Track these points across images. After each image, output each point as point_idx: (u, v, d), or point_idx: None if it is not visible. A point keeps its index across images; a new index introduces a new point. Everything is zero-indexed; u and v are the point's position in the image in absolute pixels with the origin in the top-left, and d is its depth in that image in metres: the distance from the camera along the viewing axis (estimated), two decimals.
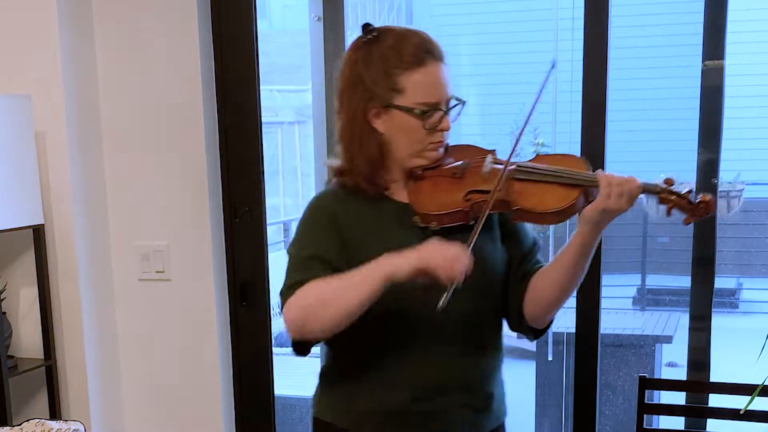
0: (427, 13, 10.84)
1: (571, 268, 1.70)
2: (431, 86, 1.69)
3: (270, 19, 7.78)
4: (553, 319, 1.83)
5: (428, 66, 1.68)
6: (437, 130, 1.71)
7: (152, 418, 3.03)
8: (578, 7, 2.58)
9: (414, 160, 1.73)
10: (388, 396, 1.73)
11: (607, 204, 1.61)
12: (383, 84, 1.68)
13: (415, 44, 1.68)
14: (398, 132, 1.71)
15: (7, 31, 2.76)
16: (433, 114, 1.69)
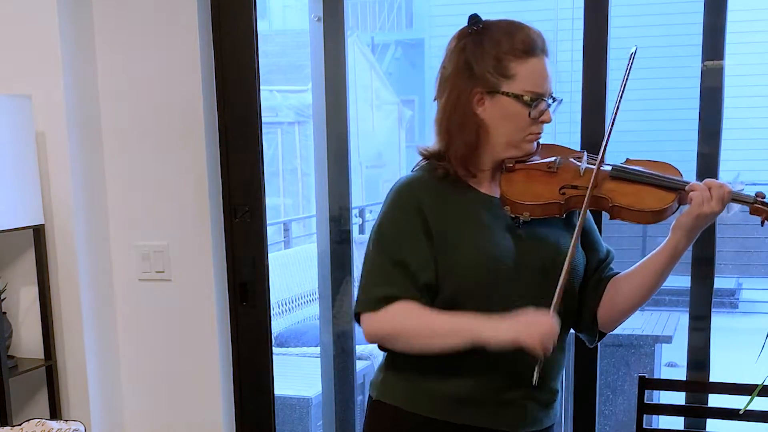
0: (427, 13, 10.84)
1: (659, 273, 1.77)
2: (540, 76, 1.73)
3: (270, 19, 7.79)
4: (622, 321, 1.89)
5: (538, 57, 1.73)
6: (540, 121, 1.75)
7: (152, 417, 3.04)
8: (578, 7, 2.58)
9: (510, 149, 1.77)
10: (460, 383, 1.76)
11: (702, 210, 1.68)
12: (493, 69, 1.72)
13: (528, 34, 1.74)
14: (501, 118, 1.74)
15: (8, 32, 2.76)
16: (540, 103, 1.73)
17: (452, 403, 1.77)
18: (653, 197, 1.72)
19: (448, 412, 1.78)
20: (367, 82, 9.13)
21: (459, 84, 1.75)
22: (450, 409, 1.77)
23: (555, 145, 1.86)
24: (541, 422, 1.84)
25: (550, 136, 1.88)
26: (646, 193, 1.73)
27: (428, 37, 10.46)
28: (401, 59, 10.85)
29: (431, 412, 1.78)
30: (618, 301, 1.81)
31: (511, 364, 1.74)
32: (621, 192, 1.73)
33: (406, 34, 10.83)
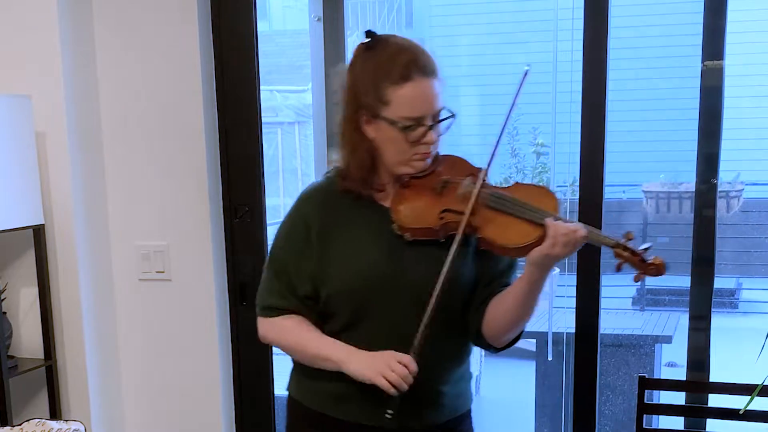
0: (427, 13, 10.84)
1: (519, 304, 1.76)
2: (415, 101, 1.73)
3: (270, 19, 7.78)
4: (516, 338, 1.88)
5: (415, 81, 1.72)
6: (420, 143, 1.76)
7: (152, 418, 3.04)
8: (578, 7, 2.58)
9: (401, 168, 1.80)
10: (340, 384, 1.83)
11: (552, 251, 1.68)
12: (372, 94, 1.74)
13: (403, 60, 1.73)
14: (384, 141, 1.77)
15: (7, 32, 2.76)
16: (416, 128, 1.74)
17: (337, 401, 1.86)
18: (520, 233, 1.71)
19: (336, 409, 1.87)
20: None
21: (349, 105, 1.79)
22: (336, 407, 1.87)
23: (456, 158, 1.86)
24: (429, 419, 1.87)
25: (551, 136, 1.88)
26: (515, 227, 1.72)
27: (428, 37, 10.46)
28: None
29: (322, 408, 1.89)
30: (495, 320, 1.82)
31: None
32: (492, 223, 1.74)
33: (406, 34, 10.82)
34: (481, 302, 1.84)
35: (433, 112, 1.75)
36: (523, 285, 1.74)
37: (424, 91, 1.73)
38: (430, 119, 1.75)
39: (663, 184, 7.50)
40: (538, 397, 5.20)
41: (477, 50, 10.06)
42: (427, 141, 1.76)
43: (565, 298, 5.45)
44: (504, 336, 1.83)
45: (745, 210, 7.48)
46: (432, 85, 1.74)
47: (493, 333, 1.83)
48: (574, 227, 1.68)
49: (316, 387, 1.89)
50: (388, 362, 1.73)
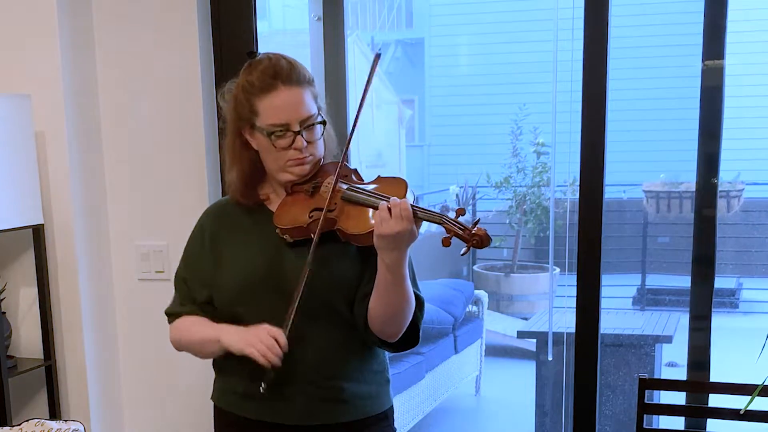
0: (427, 13, 10.85)
1: (385, 291, 1.81)
2: (279, 109, 1.84)
3: (270, 19, 7.77)
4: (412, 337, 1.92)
5: (279, 91, 1.83)
6: (291, 149, 1.85)
7: (152, 418, 3.04)
8: (578, 7, 2.58)
9: (282, 174, 1.90)
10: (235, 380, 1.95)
11: (382, 229, 1.73)
12: (247, 107, 1.87)
13: (267, 72, 1.85)
14: (262, 150, 1.90)
15: (7, 32, 2.76)
16: (283, 134, 1.84)
17: (238, 399, 1.96)
18: (364, 219, 1.79)
19: (239, 407, 1.96)
20: None
21: (232, 119, 1.92)
22: (239, 404, 1.96)
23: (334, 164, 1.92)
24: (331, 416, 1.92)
25: (551, 136, 1.88)
26: (362, 215, 1.80)
27: (428, 36, 10.47)
28: (401, 59, 10.85)
29: (229, 407, 2.00)
30: (373, 314, 1.86)
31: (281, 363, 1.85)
32: (345, 214, 1.83)
33: (406, 34, 10.83)
34: (363, 296, 1.88)
35: (299, 118, 1.84)
36: (381, 273, 1.79)
37: (287, 99, 1.84)
38: (297, 125, 1.84)
39: (663, 184, 7.51)
40: (538, 397, 5.20)
41: (477, 50, 10.06)
42: (296, 147, 1.84)
43: (565, 298, 5.46)
44: (386, 329, 1.87)
45: (746, 210, 7.49)
46: (297, 93, 1.84)
47: (376, 326, 1.87)
48: (395, 201, 1.73)
49: (225, 386, 2.00)
50: (258, 334, 1.80)
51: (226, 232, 1.96)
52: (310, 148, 1.87)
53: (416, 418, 5.32)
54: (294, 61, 1.89)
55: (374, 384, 1.98)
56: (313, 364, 1.89)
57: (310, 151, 1.88)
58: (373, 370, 1.98)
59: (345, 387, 1.92)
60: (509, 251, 8.28)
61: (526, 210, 8.17)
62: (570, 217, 6.61)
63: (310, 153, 1.88)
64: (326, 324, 1.89)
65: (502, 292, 7.71)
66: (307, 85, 1.88)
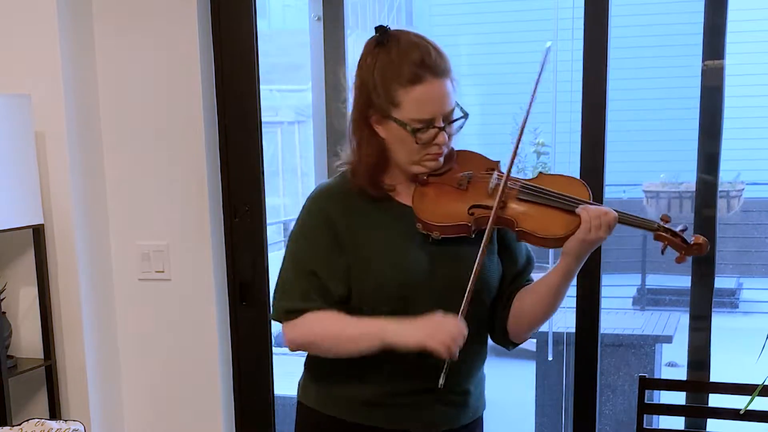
0: (426, 12, 10.84)
1: (552, 294, 1.77)
2: (426, 103, 1.69)
3: (270, 19, 7.77)
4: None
5: (425, 83, 1.68)
6: (432, 145, 1.72)
7: (152, 418, 3.03)
8: (578, 7, 2.58)
9: (414, 167, 1.76)
10: (366, 388, 1.80)
11: (588, 236, 1.67)
12: (382, 95, 1.71)
13: (414, 60, 1.69)
14: (395, 142, 1.74)
15: (7, 31, 2.76)
16: (426, 131, 1.70)
17: (360, 406, 1.82)
18: (558, 222, 1.70)
19: (357, 415, 1.82)
20: None
21: (359, 103, 1.76)
22: (358, 412, 1.82)
23: (472, 154, 1.83)
24: (456, 420, 1.86)
25: (551, 136, 1.88)
26: (552, 218, 1.71)
27: (428, 36, 10.46)
28: None
29: (340, 414, 1.83)
30: (522, 315, 1.81)
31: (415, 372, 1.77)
32: (527, 215, 1.72)
33: None
34: (507, 298, 1.83)
35: (443, 113, 1.71)
36: (557, 276, 1.74)
37: (434, 92, 1.69)
38: (441, 120, 1.71)
39: (663, 184, 7.50)
40: (538, 397, 5.19)
41: (477, 50, 10.05)
42: (438, 142, 1.72)
43: (566, 297, 5.45)
44: (529, 331, 1.85)
45: (746, 210, 7.48)
46: (443, 85, 1.70)
47: (519, 329, 1.83)
48: (605, 209, 1.68)
49: (337, 392, 1.84)
50: (442, 324, 1.66)
51: (360, 225, 1.77)
52: (449, 142, 1.76)
53: None
54: (438, 47, 1.73)
55: (484, 382, 1.95)
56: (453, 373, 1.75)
57: (449, 145, 1.76)
58: (483, 368, 1.94)
59: (471, 391, 1.88)
60: None
61: None
62: None
63: (448, 147, 1.76)
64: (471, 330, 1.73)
65: None
66: (450, 75, 1.72)
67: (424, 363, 1.72)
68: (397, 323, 1.70)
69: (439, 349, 1.65)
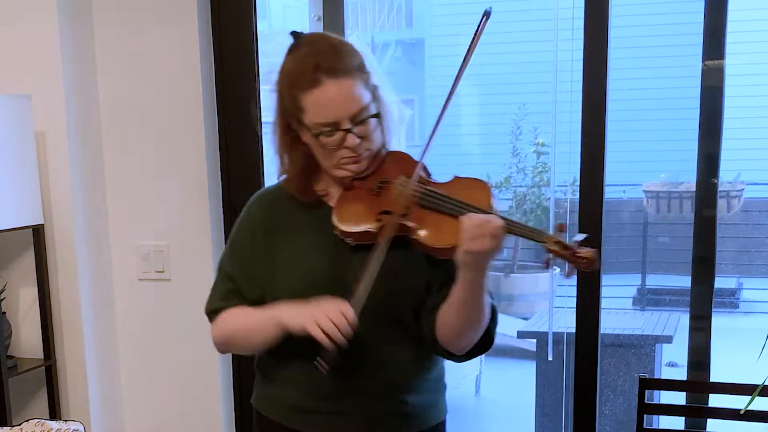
0: (427, 12, 10.84)
1: (465, 306, 1.65)
2: (325, 106, 1.63)
3: (270, 19, 7.77)
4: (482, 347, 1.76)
5: (322, 86, 1.63)
6: (342, 148, 1.66)
7: (152, 417, 3.03)
8: (578, 7, 2.58)
9: (336, 171, 1.71)
10: (291, 392, 1.79)
11: (471, 247, 1.56)
12: (290, 101, 1.68)
13: (310, 64, 1.64)
14: (312, 147, 1.70)
15: (7, 31, 2.76)
16: (332, 134, 1.65)
17: (291, 411, 1.80)
18: (450, 232, 1.60)
19: (291, 419, 1.80)
20: None
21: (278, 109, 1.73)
22: (291, 417, 1.80)
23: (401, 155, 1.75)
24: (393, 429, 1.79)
25: (551, 136, 1.87)
26: (446, 227, 1.61)
27: (428, 36, 10.46)
28: (401, 59, 10.85)
29: (279, 418, 1.82)
30: (445, 328, 1.70)
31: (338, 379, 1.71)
32: (425, 222, 1.64)
33: (406, 34, 10.82)
34: (432, 307, 1.71)
35: (348, 114, 1.64)
36: (462, 289, 1.62)
37: (332, 94, 1.62)
38: (348, 122, 1.64)
39: (663, 184, 7.51)
40: (538, 397, 5.19)
41: (477, 50, 10.04)
42: (347, 145, 1.65)
43: (565, 298, 5.45)
44: (459, 342, 1.71)
45: (746, 210, 7.49)
46: (343, 86, 1.63)
47: (447, 339, 1.71)
48: (488, 218, 1.56)
49: (273, 395, 1.84)
50: (325, 308, 1.61)
51: (281, 228, 1.76)
52: (365, 143, 1.67)
53: None
54: (340, 44, 1.68)
55: (434, 393, 1.85)
56: (376, 378, 1.74)
57: (366, 146, 1.67)
58: (434, 378, 1.84)
59: (408, 400, 1.78)
60: (509, 251, 8.28)
61: (526, 210, 8.17)
62: (570, 217, 6.60)
63: (365, 148, 1.68)
64: (392, 336, 1.73)
65: (502, 292, 7.71)
66: (357, 72, 1.65)
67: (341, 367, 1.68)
68: (293, 306, 1.67)
69: (319, 337, 1.59)
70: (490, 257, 1.58)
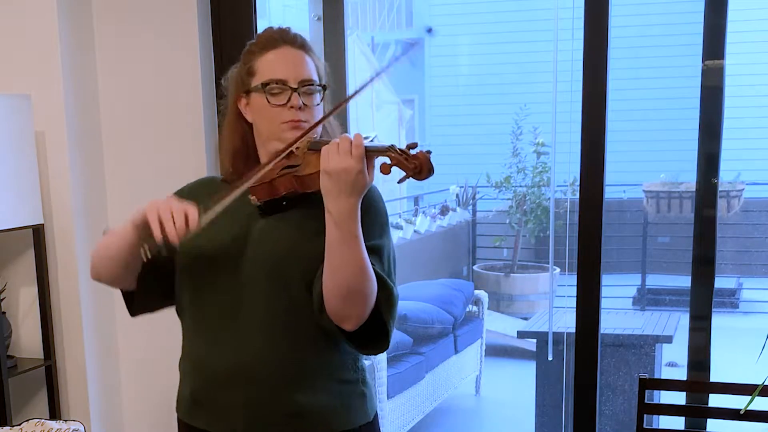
0: (426, 13, 10.85)
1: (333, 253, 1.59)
2: (278, 63, 1.75)
3: (270, 19, 7.79)
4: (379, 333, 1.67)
5: (279, 49, 1.76)
6: (289, 107, 1.72)
7: (152, 418, 3.04)
8: (578, 7, 2.58)
9: (273, 143, 1.74)
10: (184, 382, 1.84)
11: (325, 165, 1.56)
12: (244, 72, 1.80)
13: (268, 33, 1.80)
14: (256, 114, 1.77)
15: (7, 31, 2.76)
16: (280, 92, 1.73)
17: (187, 404, 1.83)
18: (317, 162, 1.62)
19: (189, 415, 1.82)
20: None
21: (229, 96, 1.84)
22: (188, 411, 1.83)
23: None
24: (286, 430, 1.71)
25: (550, 135, 1.87)
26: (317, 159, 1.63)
27: (428, 36, 10.47)
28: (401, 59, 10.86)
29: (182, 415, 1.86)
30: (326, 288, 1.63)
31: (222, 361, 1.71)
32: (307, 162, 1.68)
33: (406, 34, 10.84)
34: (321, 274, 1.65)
35: (298, 77, 1.73)
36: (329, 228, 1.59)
37: (288, 56, 1.75)
38: (295, 83, 1.73)
39: (663, 184, 7.52)
40: (538, 397, 5.20)
41: (477, 50, 10.06)
42: (292, 104, 1.71)
43: (565, 298, 5.46)
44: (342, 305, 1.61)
45: (746, 210, 7.50)
46: (299, 54, 1.76)
47: (330, 304, 1.62)
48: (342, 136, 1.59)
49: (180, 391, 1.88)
50: (171, 203, 1.66)
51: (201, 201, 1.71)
52: (306, 112, 1.73)
53: (416, 418, 5.32)
54: (300, 34, 1.82)
55: (342, 397, 1.72)
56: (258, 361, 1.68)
57: (306, 116, 1.73)
58: (340, 379, 1.73)
59: (299, 399, 1.69)
60: (509, 251, 8.29)
61: (526, 210, 8.17)
62: (570, 217, 6.61)
63: (305, 119, 1.73)
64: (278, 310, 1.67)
65: (503, 292, 7.72)
66: (312, 53, 1.78)
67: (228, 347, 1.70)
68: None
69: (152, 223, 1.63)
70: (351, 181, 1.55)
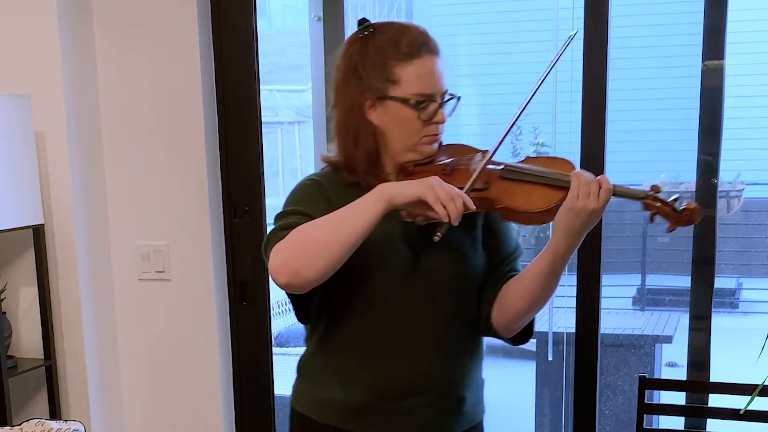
0: (426, 12, 10.84)
1: (543, 277, 1.67)
2: (427, 78, 1.69)
3: (270, 19, 7.77)
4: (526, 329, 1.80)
5: (424, 58, 1.68)
6: (432, 123, 1.70)
7: (152, 418, 3.03)
8: (578, 7, 2.58)
9: (407, 154, 1.72)
10: (355, 394, 1.75)
11: (575, 204, 1.58)
12: (379, 75, 1.69)
13: (412, 36, 1.69)
14: (393, 124, 1.70)
15: (7, 31, 2.76)
16: (428, 105, 1.69)
17: (348, 412, 1.76)
18: (541, 197, 1.64)
19: (348, 422, 1.77)
20: None
21: (350, 92, 1.72)
22: (347, 419, 1.77)
23: (458, 145, 1.80)
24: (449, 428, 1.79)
25: (551, 135, 1.87)
26: (536, 193, 1.65)
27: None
28: None
29: (332, 421, 1.78)
30: (507, 305, 1.73)
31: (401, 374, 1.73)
32: (510, 193, 1.67)
33: None
34: (491, 286, 1.75)
35: (441, 90, 1.71)
36: (547, 258, 1.64)
37: (432, 68, 1.69)
38: (440, 97, 1.70)
39: (663, 184, 7.50)
40: (538, 397, 5.20)
41: (477, 50, 10.06)
42: (438, 120, 1.70)
43: (565, 298, 5.46)
44: (516, 322, 1.74)
45: (746, 210, 7.49)
46: (438, 63, 1.71)
47: (506, 320, 1.74)
48: (598, 177, 1.60)
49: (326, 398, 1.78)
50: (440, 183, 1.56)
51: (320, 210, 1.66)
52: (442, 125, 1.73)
53: None
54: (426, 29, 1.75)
55: (481, 388, 1.87)
56: (439, 373, 1.73)
57: (442, 129, 1.73)
58: (480, 373, 1.85)
59: (466, 397, 1.79)
60: None
61: None
62: None
63: (442, 131, 1.73)
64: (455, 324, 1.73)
65: None
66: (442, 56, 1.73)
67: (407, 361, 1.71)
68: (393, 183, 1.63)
69: (435, 203, 1.54)
70: (592, 221, 1.60)
